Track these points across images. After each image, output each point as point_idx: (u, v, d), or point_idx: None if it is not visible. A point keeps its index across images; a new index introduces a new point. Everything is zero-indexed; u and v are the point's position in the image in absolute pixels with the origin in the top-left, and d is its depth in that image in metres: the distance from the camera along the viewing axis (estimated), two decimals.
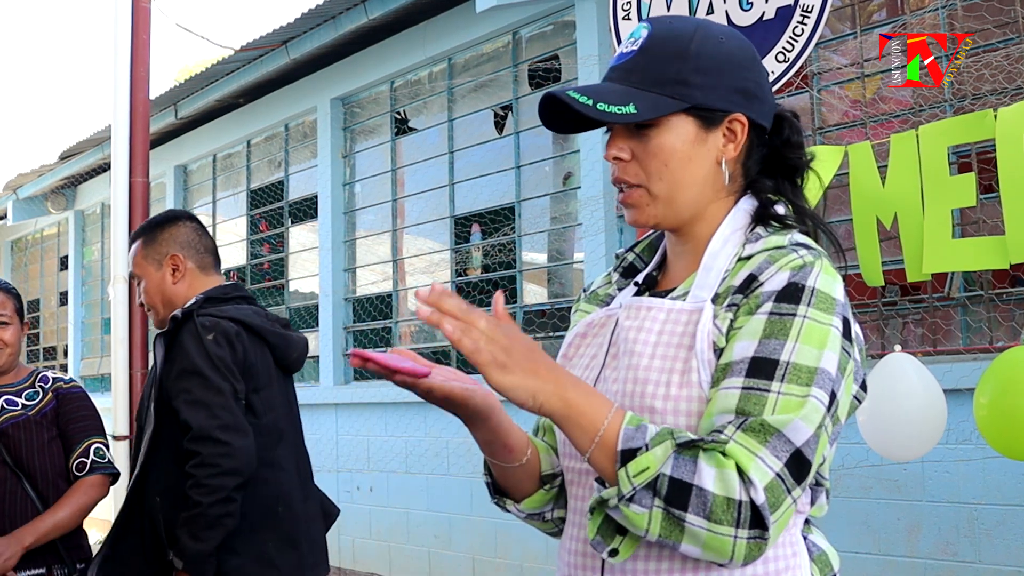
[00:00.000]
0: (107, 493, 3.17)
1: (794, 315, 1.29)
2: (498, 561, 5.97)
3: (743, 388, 1.27)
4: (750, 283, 1.34)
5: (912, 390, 3.13)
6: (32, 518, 2.98)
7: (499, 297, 1.30)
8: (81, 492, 3.06)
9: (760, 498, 1.20)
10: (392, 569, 6.75)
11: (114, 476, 3.18)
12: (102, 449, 3.14)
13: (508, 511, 1.57)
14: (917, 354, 3.54)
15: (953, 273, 3.98)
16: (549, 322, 6.25)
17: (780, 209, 1.45)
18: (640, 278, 1.55)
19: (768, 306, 1.31)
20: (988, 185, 3.65)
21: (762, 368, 1.27)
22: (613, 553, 1.30)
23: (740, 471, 1.21)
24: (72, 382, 3.23)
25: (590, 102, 1.37)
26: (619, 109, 1.37)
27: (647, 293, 1.52)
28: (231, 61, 7.69)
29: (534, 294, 6.71)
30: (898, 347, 3.31)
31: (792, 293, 1.30)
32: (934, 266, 3.24)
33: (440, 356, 6.73)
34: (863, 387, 1.43)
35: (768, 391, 1.26)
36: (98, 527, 10.30)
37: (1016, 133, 3.03)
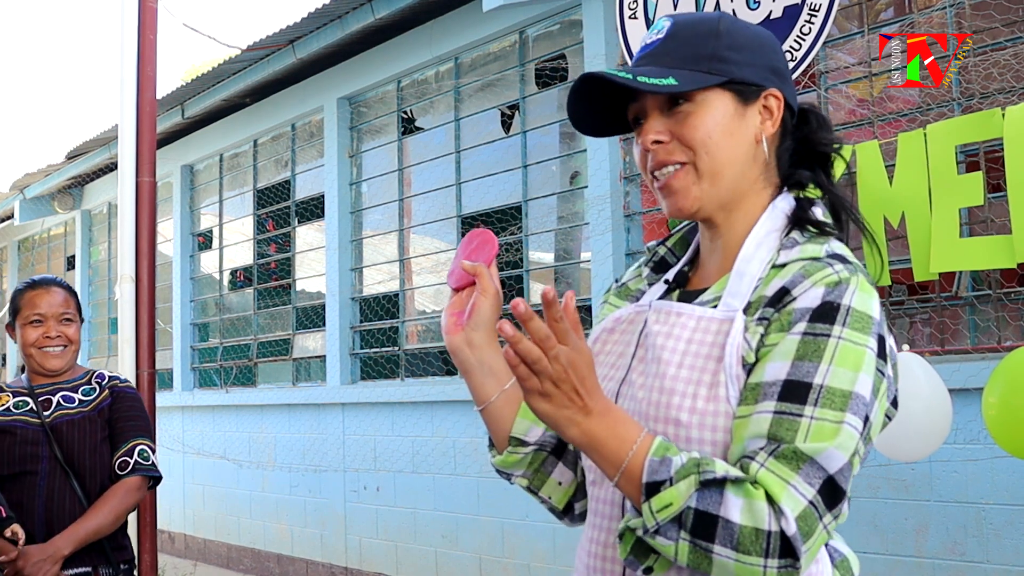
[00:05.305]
0: (144, 495, 3.16)
1: (828, 336, 1.26)
2: (505, 561, 5.96)
3: (775, 412, 1.24)
4: (782, 296, 1.30)
5: (919, 390, 3.12)
6: (78, 516, 2.97)
7: (569, 299, 1.26)
8: (121, 495, 3.04)
9: (791, 529, 1.18)
10: (399, 569, 6.75)
11: (155, 479, 3.16)
12: (147, 451, 3.12)
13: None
14: (925, 354, 3.53)
15: (961, 272, 3.97)
16: None
17: (818, 213, 1.42)
18: (671, 275, 1.51)
19: (802, 325, 1.27)
20: (996, 184, 3.64)
21: (795, 392, 1.24)
22: (648, 571, 1.29)
23: (771, 500, 1.19)
24: (127, 382, 3.23)
25: (630, 76, 1.36)
26: (660, 81, 1.35)
27: (677, 291, 1.49)
28: (238, 61, 7.69)
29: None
30: (906, 347, 3.29)
31: (827, 312, 1.27)
32: (941, 265, 3.24)
33: (447, 355, 6.73)
34: (894, 403, 1.39)
35: (801, 416, 1.23)
36: None
37: None
